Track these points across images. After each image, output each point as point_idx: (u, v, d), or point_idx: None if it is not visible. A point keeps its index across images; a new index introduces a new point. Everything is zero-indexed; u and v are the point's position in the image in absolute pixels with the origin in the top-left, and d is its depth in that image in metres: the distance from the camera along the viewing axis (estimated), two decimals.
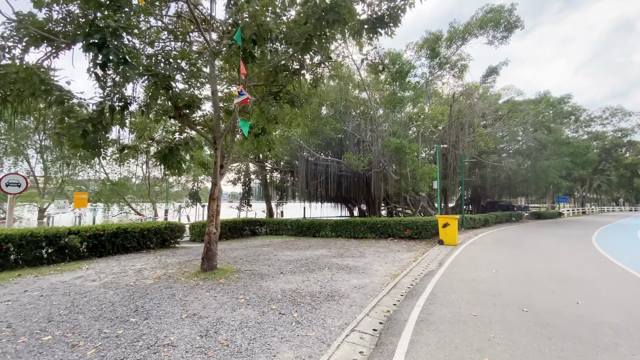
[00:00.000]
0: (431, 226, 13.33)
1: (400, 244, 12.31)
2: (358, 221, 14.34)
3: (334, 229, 14.84)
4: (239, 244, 13.27)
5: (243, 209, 20.69)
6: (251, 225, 16.96)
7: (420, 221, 13.33)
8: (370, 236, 14.04)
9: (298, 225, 15.79)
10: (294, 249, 11.27)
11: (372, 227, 13.99)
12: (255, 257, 9.75)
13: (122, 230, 10.63)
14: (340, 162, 18.46)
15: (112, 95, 5.61)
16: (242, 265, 8.42)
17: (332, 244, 12.53)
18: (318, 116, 17.43)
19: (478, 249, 10.99)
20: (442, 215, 12.19)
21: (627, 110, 40.13)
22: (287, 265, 8.35)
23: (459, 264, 8.42)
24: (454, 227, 11.80)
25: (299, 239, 14.83)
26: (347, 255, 9.79)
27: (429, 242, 12.96)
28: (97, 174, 37.05)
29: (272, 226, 16.82)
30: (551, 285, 6.29)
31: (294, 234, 15.95)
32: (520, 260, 8.92)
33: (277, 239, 15.06)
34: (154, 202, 39.74)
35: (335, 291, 5.92)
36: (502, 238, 14.24)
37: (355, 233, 14.33)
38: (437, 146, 16.61)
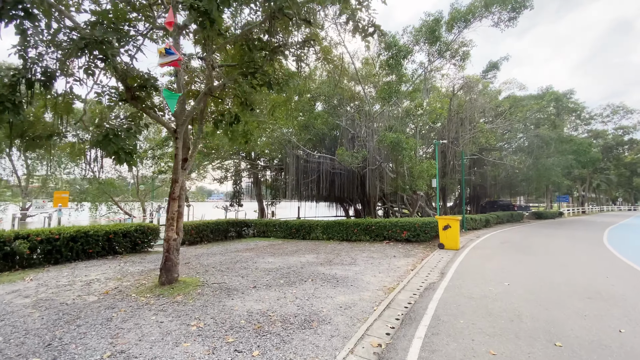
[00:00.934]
0: (430, 228, 12.21)
1: (396, 248, 11.17)
2: (351, 222, 13.19)
3: (325, 231, 13.68)
4: (219, 247, 12.08)
5: (230, 209, 19.49)
6: (237, 226, 15.77)
7: (418, 223, 12.20)
8: (364, 239, 12.90)
9: (287, 227, 14.62)
10: (278, 255, 10.09)
11: (367, 229, 12.84)
12: (231, 264, 8.56)
13: (83, 233, 9.40)
14: (334, 160, 17.30)
15: (30, 67, 4.41)
16: (212, 275, 7.23)
17: (321, 248, 11.37)
18: (310, 110, 16.26)
19: (483, 255, 9.86)
20: (442, 217, 11.07)
21: (629, 108, 39.28)
22: (265, 275, 7.17)
23: (464, 273, 7.28)
24: (456, 229, 10.68)
25: (288, 242, 13.67)
26: (337, 263, 8.63)
27: (427, 245, 11.83)
28: (83, 171, 35.68)
29: (259, 228, 15.64)
30: (579, 304, 5.16)
31: (282, 236, 14.78)
32: (534, 268, 7.80)
33: (264, 242, 13.88)
34: (143, 202, 38.50)
35: (315, 313, 4.76)
36: (507, 241, 13.14)
37: (348, 235, 13.18)
38: (437, 141, 15.52)
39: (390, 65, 13.60)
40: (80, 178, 35.63)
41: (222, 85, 6.44)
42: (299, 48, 7.59)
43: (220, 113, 7.13)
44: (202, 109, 6.83)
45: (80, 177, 34.75)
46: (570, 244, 12.23)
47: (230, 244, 13.34)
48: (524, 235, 15.22)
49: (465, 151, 19.88)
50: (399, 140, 13.45)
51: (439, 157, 18.19)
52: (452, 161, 20.45)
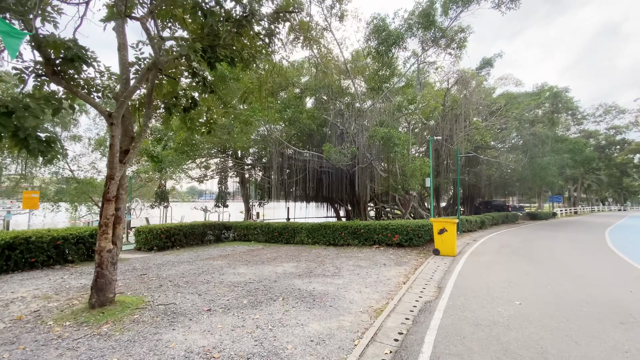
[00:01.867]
0: (424, 231, 11.14)
1: (387, 254, 10.06)
2: (338, 225, 12.04)
3: (310, 235, 12.51)
4: (190, 254, 10.81)
5: (212, 210, 18.19)
6: (216, 230, 14.49)
7: (411, 225, 11.12)
8: (353, 243, 11.77)
9: (269, 230, 13.41)
10: (253, 263, 8.88)
11: (355, 233, 11.71)
12: (194, 276, 7.32)
13: (23, 239, 8.06)
14: (322, 157, 16.14)
15: None
16: (164, 293, 5.99)
17: (304, 255, 10.19)
18: (297, 105, 15.08)
19: (484, 262, 8.80)
20: (437, 219, 9.99)
21: (621, 108, 39.03)
22: (228, 293, 5.96)
23: (465, 288, 6.18)
24: (452, 233, 9.61)
25: (269, 246, 12.46)
26: (318, 274, 7.46)
27: (421, 251, 10.76)
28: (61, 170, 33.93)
29: (240, 231, 14.39)
30: (613, 333, 4.09)
31: (264, 240, 13.57)
32: (545, 280, 6.75)
33: (243, 246, 12.65)
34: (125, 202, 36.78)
35: (275, 353, 3.58)
36: (507, 245, 12.15)
37: (334, 239, 12.04)
38: (430, 138, 14.50)
39: (379, 53, 12.47)
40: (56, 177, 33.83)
41: (173, 59, 5.21)
42: (272, 22, 6.41)
43: (172, 95, 5.89)
44: (149, 91, 5.59)
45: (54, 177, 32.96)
46: (575, 249, 11.29)
47: (205, 249, 12.08)
48: (524, 239, 14.27)
49: (459, 149, 18.93)
50: (390, 136, 12.36)
51: (433, 156, 17.20)
52: (446, 160, 19.49)
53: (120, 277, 7.30)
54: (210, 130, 6.60)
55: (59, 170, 33.38)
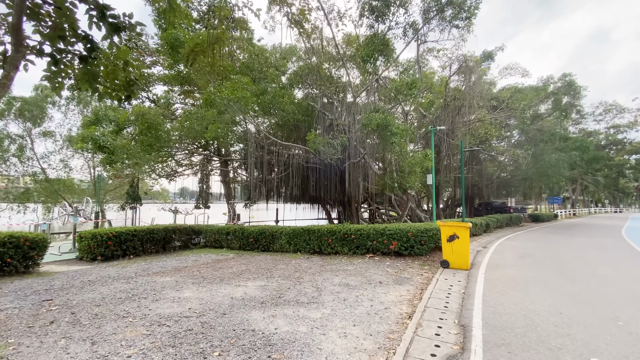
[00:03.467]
0: (427, 237, 9.16)
1: (383, 266, 8.06)
2: (324, 230, 10.00)
3: (291, 241, 10.45)
4: (140, 266, 8.70)
5: (184, 212, 16.03)
6: (183, 235, 12.36)
7: (411, 230, 9.14)
8: (342, 251, 9.74)
9: (243, 236, 11.31)
10: (209, 282, 6.80)
11: (344, 239, 9.69)
12: (114, 305, 5.22)
13: None
14: (308, 151, 14.12)
15: None
16: (43, 337, 3.88)
17: (279, 268, 8.13)
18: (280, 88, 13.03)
19: (511, 280, 6.85)
20: (445, 222, 8.03)
21: (622, 106, 37.80)
22: (141, 340, 3.86)
23: (502, 328, 4.18)
24: (465, 241, 7.65)
25: (241, 255, 10.38)
26: (289, 300, 5.41)
27: (425, 261, 8.79)
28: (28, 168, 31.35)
29: (211, 236, 12.27)
30: None
31: (238, 246, 11.47)
32: (607, 309, 4.80)
33: (211, 255, 10.56)
34: (102, 202, 34.20)
35: None
36: (526, 253, 10.24)
37: (320, 247, 10.00)
38: (432, 128, 12.64)
39: (375, 10, 10.51)
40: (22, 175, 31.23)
41: None
42: None
43: (59, 34, 3.82)
44: (16, 21, 3.51)
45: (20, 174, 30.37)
46: (610, 257, 9.43)
47: (164, 259, 9.97)
48: (541, 245, 12.40)
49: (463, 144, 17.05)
50: (387, 123, 10.40)
51: (434, 150, 15.30)
52: (447, 156, 17.66)
53: (9, 305, 5.17)
54: (129, 96, 4.53)
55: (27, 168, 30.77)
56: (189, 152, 21.42)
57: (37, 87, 28.46)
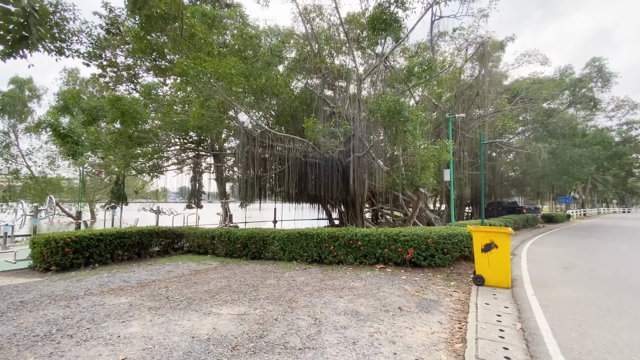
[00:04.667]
0: (451, 244, 7.49)
1: (399, 283, 6.40)
2: (325, 235, 8.32)
3: (285, 247, 8.78)
4: (101, 279, 7.07)
5: (168, 212, 14.37)
6: (164, 238, 10.74)
7: (432, 236, 7.47)
8: (346, 260, 8.07)
9: (230, 240, 9.65)
10: (172, 306, 5.14)
11: (349, 246, 8.02)
12: (17, 347, 3.57)
13: None
14: (307, 143, 12.47)
15: None
16: None
17: (268, 284, 6.48)
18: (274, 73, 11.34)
19: (574, 305, 5.18)
20: (479, 227, 6.35)
21: (635, 102, 35.96)
22: None
23: None
24: (505, 251, 5.97)
25: (226, 264, 8.73)
26: (273, 342, 3.75)
27: (449, 274, 7.13)
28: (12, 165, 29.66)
29: (194, 240, 10.61)
30: None
31: (224, 253, 9.80)
32: None
33: (190, 264, 8.92)
34: (92, 202, 32.57)
35: None
36: (570, 263, 8.55)
37: (320, 254, 8.33)
38: (450, 116, 11.00)
39: None
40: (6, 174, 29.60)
41: None
42: None
43: None
44: None
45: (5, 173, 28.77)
46: None
47: (133, 268, 8.35)
48: (579, 252, 10.73)
49: (477, 138, 15.38)
50: (399, 108, 8.74)
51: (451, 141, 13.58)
52: (460, 151, 15.97)
53: None
54: (23, 40, 2.90)
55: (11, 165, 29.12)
56: (181, 148, 19.81)
57: (13, 80, 26.87)
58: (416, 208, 13.88)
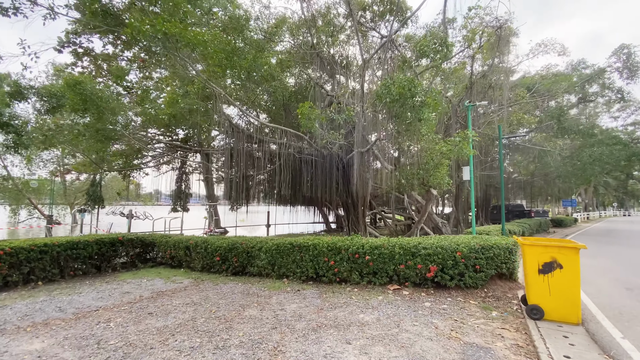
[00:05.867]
0: (485, 259, 5.85)
1: (423, 314, 4.76)
2: (323, 246, 6.63)
3: (274, 261, 7.08)
4: (21, 307, 5.36)
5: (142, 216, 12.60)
6: (131, 248, 9.01)
7: (461, 248, 5.84)
8: (351, 279, 6.40)
9: (207, 251, 7.92)
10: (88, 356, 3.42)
11: (355, 261, 6.34)
12: None
13: None
14: (301, 137, 10.84)
15: None
16: None
17: (247, 316, 4.79)
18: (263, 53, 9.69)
19: None
20: (534, 240, 4.74)
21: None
22: None
23: None
24: (574, 273, 4.36)
25: (201, 282, 7.02)
26: None
27: (484, 299, 5.51)
28: None
29: (167, 251, 8.86)
30: None
31: (201, 267, 8.07)
32: None
33: (156, 282, 7.21)
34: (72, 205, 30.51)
35: None
36: (631, 282, 6.99)
37: (317, 270, 6.65)
38: (470, 104, 9.45)
39: None
40: None
41: None
42: None
43: None
44: None
45: None
46: None
47: (85, 287, 6.64)
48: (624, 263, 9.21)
49: (488, 133, 13.83)
50: (414, 90, 7.12)
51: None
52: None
53: None
54: None
55: None
56: (167, 146, 18.03)
57: None
58: (425, 211, 12.27)
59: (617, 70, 14.58)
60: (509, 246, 6.07)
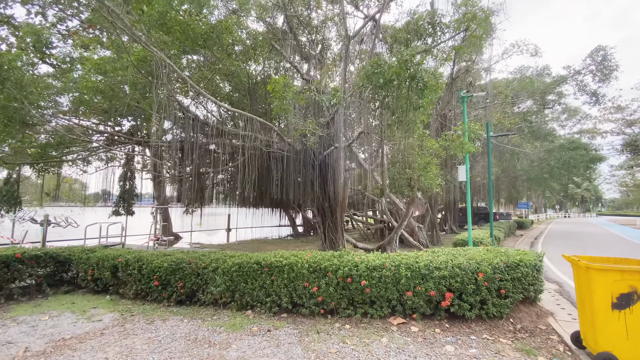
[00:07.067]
0: (511, 281, 4.58)
1: None
2: (303, 266, 4.94)
3: (235, 286, 5.24)
4: None
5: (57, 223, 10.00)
6: (36, 268, 6.62)
7: (483, 268, 4.51)
8: (340, 309, 4.81)
9: (141, 274, 5.84)
10: None
11: (345, 287, 4.74)
12: None
13: None
14: (269, 128, 9.07)
15: None
16: None
17: None
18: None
19: None
20: (603, 262, 3.51)
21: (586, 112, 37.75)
22: None
23: None
24: None
25: (128, 319, 5.00)
26: None
27: (516, 335, 4.22)
28: None
29: (87, 271, 6.59)
30: None
31: (133, 292, 5.96)
32: None
33: (63, 321, 5.06)
34: None
35: None
36: None
37: (293, 299, 4.95)
38: (465, 95, 8.36)
39: None
40: None
41: None
42: None
43: None
44: None
45: None
46: None
47: None
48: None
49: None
50: (415, 70, 5.76)
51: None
52: None
53: None
54: None
55: None
56: (108, 139, 15.08)
57: None
58: (407, 216, 11.09)
59: (591, 73, 14.82)
60: (536, 263, 4.88)
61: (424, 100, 6.27)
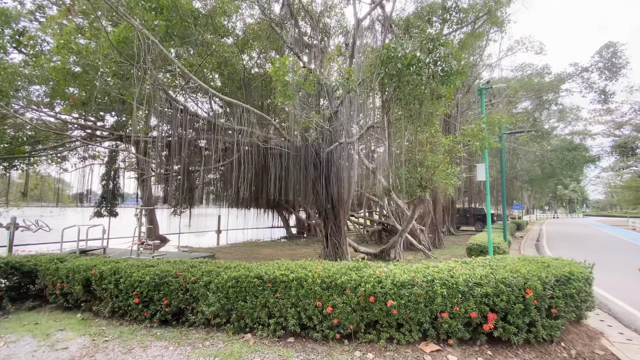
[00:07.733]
0: (563, 298, 3.86)
1: None
2: (314, 281, 4.14)
3: (231, 305, 4.38)
4: None
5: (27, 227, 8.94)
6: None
7: (530, 284, 3.77)
8: (359, 334, 4.00)
9: (118, 289, 4.91)
10: None
11: (366, 307, 3.94)
12: None
13: None
14: (267, 122, 8.21)
15: None
16: None
17: None
18: None
19: None
20: None
21: (577, 115, 38.03)
22: None
23: None
24: None
25: (102, 344, 4.08)
26: None
27: None
28: None
29: (58, 284, 5.61)
30: None
31: (109, 311, 5.03)
32: None
33: (19, 346, 4.09)
34: None
35: None
36: None
37: (300, 318, 4.12)
38: (484, 86, 7.76)
39: None
40: None
41: None
42: None
43: None
44: None
45: None
46: None
47: None
48: None
49: None
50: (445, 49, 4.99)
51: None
52: None
53: None
54: None
55: None
56: (89, 135, 13.92)
57: None
58: (412, 218, 10.39)
59: (599, 70, 14.44)
60: (587, 276, 4.19)
61: (445, 88, 5.53)
